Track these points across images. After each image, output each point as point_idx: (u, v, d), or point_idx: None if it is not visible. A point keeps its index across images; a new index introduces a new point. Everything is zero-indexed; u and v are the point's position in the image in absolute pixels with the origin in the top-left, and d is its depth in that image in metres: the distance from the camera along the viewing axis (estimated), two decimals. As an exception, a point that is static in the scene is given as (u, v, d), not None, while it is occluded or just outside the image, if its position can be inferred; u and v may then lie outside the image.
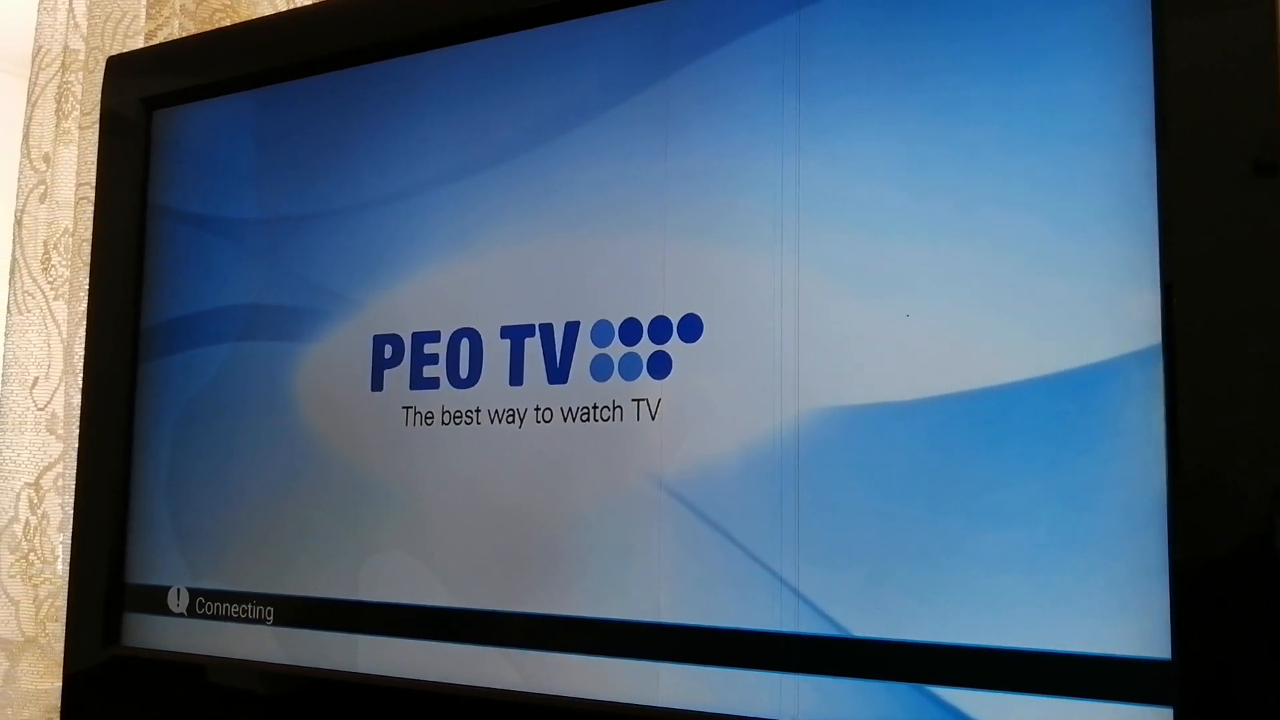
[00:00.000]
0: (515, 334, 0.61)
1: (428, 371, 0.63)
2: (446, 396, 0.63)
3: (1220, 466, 0.44)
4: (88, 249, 1.01)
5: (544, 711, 0.57)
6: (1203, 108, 0.45)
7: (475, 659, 0.59)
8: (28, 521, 1.13)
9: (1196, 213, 0.45)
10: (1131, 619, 0.45)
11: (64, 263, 1.16)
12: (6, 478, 1.14)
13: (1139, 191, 0.46)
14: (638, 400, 0.57)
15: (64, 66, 1.18)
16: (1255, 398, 0.43)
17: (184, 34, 1.12)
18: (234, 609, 0.68)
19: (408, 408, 0.64)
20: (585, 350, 0.59)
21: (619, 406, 0.57)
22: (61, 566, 1.14)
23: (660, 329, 0.57)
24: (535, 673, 0.58)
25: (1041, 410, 0.48)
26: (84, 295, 0.98)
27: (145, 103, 0.77)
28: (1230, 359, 0.44)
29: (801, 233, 0.53)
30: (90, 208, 1.05)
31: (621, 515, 0.56)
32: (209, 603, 0.69)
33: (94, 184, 0.84)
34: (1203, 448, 0.44)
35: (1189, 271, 0.45)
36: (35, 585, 1.13)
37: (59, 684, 0.75)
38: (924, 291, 0.50)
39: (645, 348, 0.57)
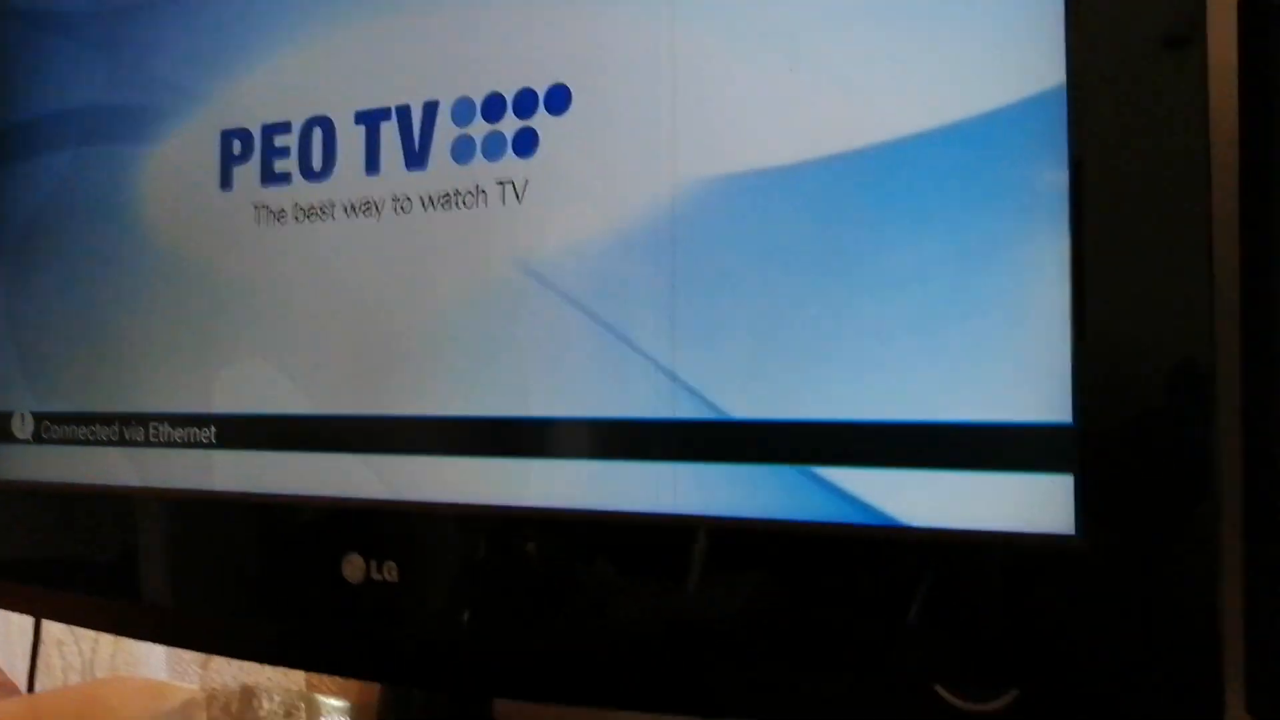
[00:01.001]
0: (370, 119, 0.55)
1: (279, 166, 0.57)
2: (299, 191, 0.57)
3: (1129, 215, 0.40)
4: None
5: (409, 519, 0.52)
6: None
7: (336, 467, 0.55)
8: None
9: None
10: (1031, 383, 0.41)
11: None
12: None
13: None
14: (502, 183, 0.51)
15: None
16: (1161, 139, 0.39)
17: None
18: (81, 431, 0.63)
19: (259, 206, 0.58)
20: (446, 131, 0.53)
21: (483, 191, 0.52)
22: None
23: (525, 102, 0.51)
24: (400, 478, 0.53)
25: (936, 164, 0.43)
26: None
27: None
28: (1136, 97, 0.39)
29: (675, -15, 0.48)
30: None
31: (488, 306, 0.51)
32: (55, 426, 0.64)
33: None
34: (1111, 196, 0.40)
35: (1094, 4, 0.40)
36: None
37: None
38: (808, 40, 0.45)
39: (510, 124, 0.51)
